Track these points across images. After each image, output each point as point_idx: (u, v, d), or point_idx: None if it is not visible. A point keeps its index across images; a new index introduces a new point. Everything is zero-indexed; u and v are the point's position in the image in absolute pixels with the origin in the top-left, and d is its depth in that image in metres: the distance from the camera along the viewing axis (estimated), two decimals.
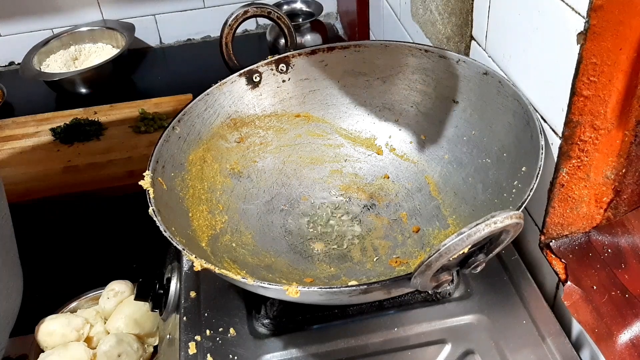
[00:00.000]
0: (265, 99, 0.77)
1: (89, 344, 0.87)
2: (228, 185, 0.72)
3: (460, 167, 0.70)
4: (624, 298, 0.56)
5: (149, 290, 0.67)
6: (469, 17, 0.73)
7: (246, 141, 0.76)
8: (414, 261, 0.65)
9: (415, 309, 0.62)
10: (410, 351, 0.60)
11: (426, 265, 0.44)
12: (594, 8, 0.48)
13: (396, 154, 0.77)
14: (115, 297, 0.90)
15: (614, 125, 0.54)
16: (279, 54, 0.76)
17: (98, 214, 1.10)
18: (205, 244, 0.63)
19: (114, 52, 1.44)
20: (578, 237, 0.62)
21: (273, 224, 0.72)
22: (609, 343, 0.55)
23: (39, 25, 1.48)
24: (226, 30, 0.72)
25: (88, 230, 1.09)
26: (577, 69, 0.51)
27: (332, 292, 0.48)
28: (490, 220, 0.41)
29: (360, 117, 0.79)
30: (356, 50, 0.76)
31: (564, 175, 0.58)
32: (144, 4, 1.51)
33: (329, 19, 1.61)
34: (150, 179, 0.59)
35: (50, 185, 1.11)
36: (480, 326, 0.61)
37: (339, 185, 0.77)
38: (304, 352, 0.60)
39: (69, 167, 1.15)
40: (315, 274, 0.65)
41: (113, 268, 1.00)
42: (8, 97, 1.39)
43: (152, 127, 1.23)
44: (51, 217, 1.10)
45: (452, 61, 0.70)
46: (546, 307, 0.62)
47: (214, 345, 0.60)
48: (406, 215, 0.72)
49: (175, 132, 0.67)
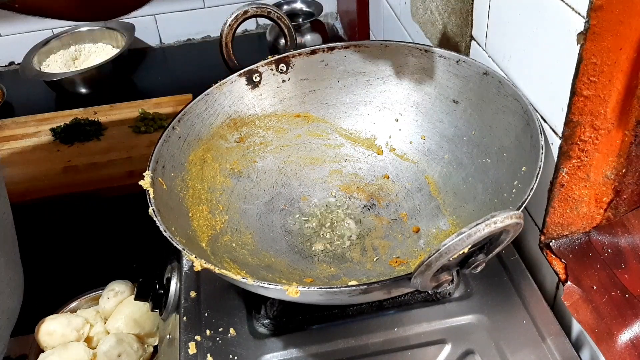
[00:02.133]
0: (265, 99, 0.77)
1: (89, 344, 0.87)
2: (228, 185, 0.72)
3: (460, 167, 0.70)
4: (624, 298, 0.56)
5: (149, 290, 0.67)
6: (469, 17, 0.73)
7: (246, 141, 0.76)
8: (414, 261, 0.65)
9: (415, 309, 0.62)
10: (410, 351, 0.60)
11: (426, 265, 0.44)
12: (594, 8, 0.48)
13: (396, 154, 0.77)
14: (115, 297, 0.90)
15: (614, 125, 0.54)
16: (279, 54, 0.76)
17: (98, 214, 1.10)
18: (205, 244, 0.63)
19: (114, 52, 1.44)
20: (578, 237, 0.62)
21: (273, 224, 0.72)
22: (609, 343, 0.55)
23: (39, 25, 1.48)
24: (226, 30, 0.72)
25: (88, 230, 1.09)
26: (577, 69, 0.51)
27: (332, 292, 0.48)
28: (490, 220, 0.41)
29: (360, 117, 0.79)
30: (356, 50, 0.76)
31: (564, 175, 0.58)
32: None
33: (329, 19, 1.61)
34: (150, 179, 0.59)
35: (50, 185, 1.11)
36: (480, 326, 0.61)
37: (339, 185, 0.77)
38: (304, 352, 0.60)
39: (69, 167, 1.15)
40: (315, 274, 0.65)
41: (113, 268, 1.00)
42: (8, 97, 1.39)
43: (152, 127, 1.23)
44: (51, 217, 1.10)
45: (452, 61, 0.70)
46: (546, 307, 0.62)
47: (214, 345, 0.60)
48: (406, 215, 0.72)
49: (175, 132, 0.67)
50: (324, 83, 0.78)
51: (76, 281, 0.99)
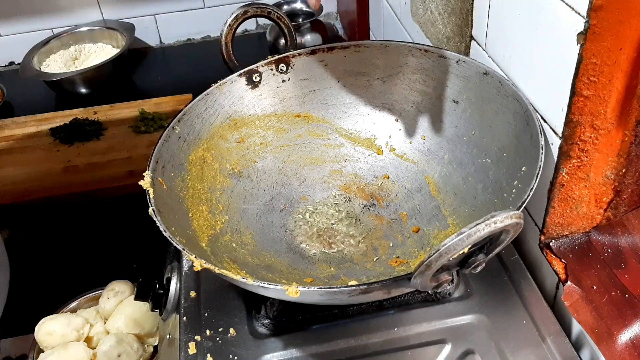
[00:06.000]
0: (265, 99, 0.77)
1: (89, 344, 0.87)
2: (228, 185, 0.72)
3: (460, 167, 0.70)
4: (624, 298, 0.56)
5: (149, 290, 0.67)
6: (469, 17, 0.73)
7: (246, 141, 0.76)
8: (414, 261, 0.65)
9: (415, 309, 0.62)
10: (410, 351, 0.60)
11: (426, 265, 0.44)
12: (594, 8, 0.48)
13: (396, 154, 0.77)
14: (115, 297, 0.90)
15: (614, 125, 0.54)
16: (279, 54, 0.76)
17: (98, 213, 1.11)
18: (205, 244, 0.63)
19: (114, 52, 1.44)
20: (578, 237, 0.62)
21: (273, 224, 0.72)
22: (609, 343, 0.55)
23: (39, 25, 1.48)
24: (226, 30, 0.72)
25: (88, 230, 1.09)
26: (577, 69, 0.51)
27: (332, 292, 0.48)
28: (490, 220, 0.41)
29: (360, 117, 0.79)
30: (356, 50, 0.76)
31: (564, 175, 0.58)
32: (144, 4, 1.51)
33: (329, 19, 1.61)
34: (150, 179, 0.60)
35: (50, 185, 1.11)
36: (480, 326, 0.61)
37: (339, 185, 0.77)
38: (304, 352, 0.60)
39: (69, 167, 1.15)
40: (315, 274, 0.65)
41: (113, 268, 1.00)
42: (8, 97, 1.39)
43: (152, 127, 1.23)
44: (51, 217, 1.10)
45: (452, 61, 0.70)
46: (546, 307, 0.62)
47: (214, 345, 0.60)
48: (406, 215, 0.72)
49: (175, 132, 0.67)
50: (324, 83, 0.78)
51: (76, 281, 0.99)
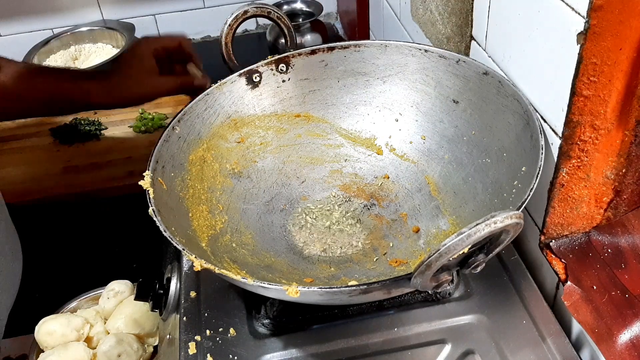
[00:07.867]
0: (265, 99, 0.77)
1: (89, 344, 0.87)
2: (228, 185, 0.72)
3: (460, 167, 0.70)
4: (624, 298, 0.56)
5: (149, 290, 0.67)
6: (469, 17, 0.73)
7: (246, 141, 0.76)
8: (414, 261, 0.65)
9: (415, 309, 0.62)
10: (410, 351, 0.60)
11: (426, 265, 0.44)
12: (594, 8, 0.48)
13: (396, 154, 0.77)
14: (115, 297, 0.90)
15: (614, 125, 0.54)
16: (279, 54, 0.76)
17: (98, 214, 1.10)
18: (205, 244, 0.63)
19: (114, 52, 1.43)
20: (578, 237, 0.62)
21: (273, 224, 0.72)
22: (609, 343, 0.55)
23: (39, 25, 1.48)
24: (226, 30, 0.72)
25: (88, 230, 1.09)
26: (577, 69, 0.51)
27: (332, 292, 0.48)
28: (490, 220, 0.41)
29: (360, 117, 0.79)
30: (356, 50, 0.76)
31: (564, 175, 0.58)
32: (144, 4, 1.51)
33: (329, 19, 1.61)
34: (150, 179, 0.59)
35: (50, 185, 1.11)
36: (480, 326, 0.61)
37: (339, 185, 0.77)
38: (304, 352, 0.60)
39: (69, 167, 1.15)
40: (315, 274, 0.65)
41: (113, 268, 1.00)
42: None
43: (152, 127, 1.23)
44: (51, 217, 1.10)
45: (452, 61, 0.70)
46: (546, 307, 0.62)
47: (214, 345, 0.60)
48: (406, 215, 0.72)
49: (175, 132, 0.67)
50: (324, 83, 0.78)
51: (76, 281, 0.99)
